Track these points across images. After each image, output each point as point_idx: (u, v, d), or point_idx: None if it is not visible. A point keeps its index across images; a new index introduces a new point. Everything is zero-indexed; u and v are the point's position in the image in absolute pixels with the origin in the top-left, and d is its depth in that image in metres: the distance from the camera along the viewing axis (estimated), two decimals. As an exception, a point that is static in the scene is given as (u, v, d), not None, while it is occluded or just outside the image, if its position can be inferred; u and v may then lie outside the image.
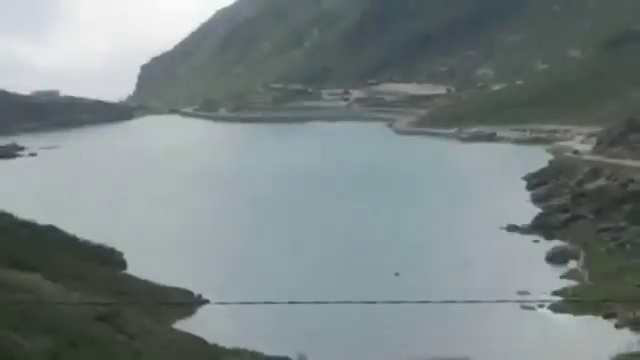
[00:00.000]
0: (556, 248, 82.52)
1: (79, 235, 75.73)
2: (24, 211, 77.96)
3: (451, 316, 55.51)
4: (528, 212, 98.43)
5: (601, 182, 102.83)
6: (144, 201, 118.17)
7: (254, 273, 75.07)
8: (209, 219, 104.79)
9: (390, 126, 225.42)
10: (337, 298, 53.32)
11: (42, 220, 76.62)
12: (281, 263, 79.46)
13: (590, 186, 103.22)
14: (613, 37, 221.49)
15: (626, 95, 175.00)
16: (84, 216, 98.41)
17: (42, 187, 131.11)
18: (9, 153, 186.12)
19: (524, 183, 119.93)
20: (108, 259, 72.91)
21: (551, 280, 71.10)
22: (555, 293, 66.38)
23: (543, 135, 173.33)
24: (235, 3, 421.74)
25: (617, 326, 57.77)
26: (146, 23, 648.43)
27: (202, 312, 60.51)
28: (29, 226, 74.28)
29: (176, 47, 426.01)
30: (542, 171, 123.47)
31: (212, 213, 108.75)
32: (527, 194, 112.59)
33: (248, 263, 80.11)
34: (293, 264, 78.45)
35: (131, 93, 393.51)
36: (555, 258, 79.47)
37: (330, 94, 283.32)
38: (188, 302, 62.50)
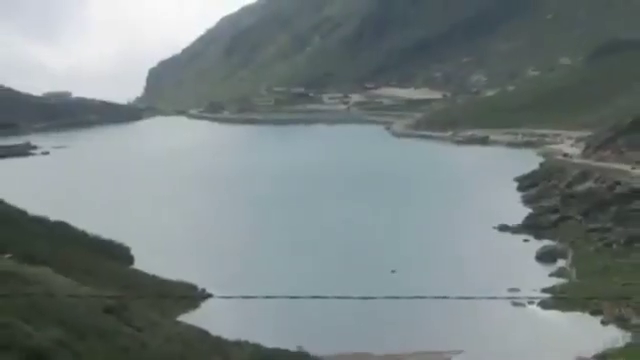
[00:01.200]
0: (546, 247, 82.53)
1: (89, 231, 75.81)
2: (37, 207, 78.06)
3: (445, 312, 55.47)
4: (519, 212, 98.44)
5: (589, 184, 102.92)
6: (151, 199, 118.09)
7: (256, 269, 75.05)
8: (212, 217, 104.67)
9: (388, 129, 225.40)
10: (336, 294, 53.33)
11: (53, 216, 76.69)
12: (282, 260, 79.40)
13: (579, 188, 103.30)
14: (602, 46, 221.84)
15: (614, 101, 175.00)
16: (93, 212, 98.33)
17: (54, 184, 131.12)
18: (23, 152, 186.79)
19: (516, 184, 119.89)
20: (116, 254, 72.99)
21: (540, 278, 71.10)
22: (544, 290, 66.40)
23: (534, 139, 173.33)
24: (240, 10, 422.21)
25: (603, 323, 57.83)
26: (154, 28, 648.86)
27: (206, 306, 60.54)
28: (41, 221, 74.37)
29: (183, 51, 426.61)
30: (533, 173, 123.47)
31: (215, 211, 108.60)
32: (518, 195, 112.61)
33: (250, 260, 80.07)
34: (293, 261, 78.42)
35: (139, 95, 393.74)
36: (545, 257, 79.49)
37: (330, 98, 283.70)
38: (192, 296, 62.50)
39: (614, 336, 53.54)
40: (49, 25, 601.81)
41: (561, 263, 77.24)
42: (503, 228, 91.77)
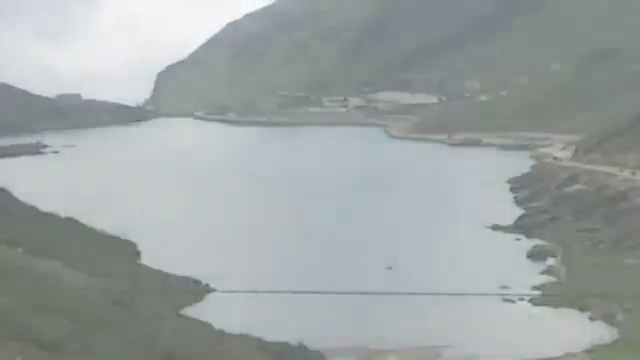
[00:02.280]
0: (536, 246, 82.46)
1: (97, 226, 75.68)
2: (47, 203, 77.98)
3: (438, 308, 55.37)
4: (512, 212, 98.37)
5: (579, 187, 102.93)
6: (154, 197, 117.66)
7: (257, 266, 74.84)
8: (211, 215, 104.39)
9: (385, 131, 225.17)
10: (334, 289, 53.30)
11: (63, 211, 76.55)
12: (281, 258, 79.23)
13: (568, 190, 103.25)
14: (591, 53, 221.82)
15: (603, 107, 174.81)
16: (100, 209, 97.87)
17: (63, 182, 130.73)
18: (34, 150, 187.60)
19: (508, 186, 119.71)
20: (123, 249, 72.96)
21: (531, 276, 71.03)
22: (534, 288, 66.38)
23: (525, 142, 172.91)
24: (244, 17, 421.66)
25: (591, 319, 57.76)
26: (161, 32, 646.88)
27: (209, 299, 60.42)
28: (51, 217, 74.37)
29: (190, 56, 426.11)
30: (525, 176, 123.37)
31: (214, 210, 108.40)
32: (511, 196, 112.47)
33: (250, 256, 79.86)
34: (294, 258, 78.27)
35: (147, 97, 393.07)
36: (535, 255, 79.42)
37: (330, 101, 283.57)
38: (196, 290, 62.40)
39: (601, 332, 53.47)
40: (60, 29, 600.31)
41: (551, 262, 77.15)
42: (496, 227, 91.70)
